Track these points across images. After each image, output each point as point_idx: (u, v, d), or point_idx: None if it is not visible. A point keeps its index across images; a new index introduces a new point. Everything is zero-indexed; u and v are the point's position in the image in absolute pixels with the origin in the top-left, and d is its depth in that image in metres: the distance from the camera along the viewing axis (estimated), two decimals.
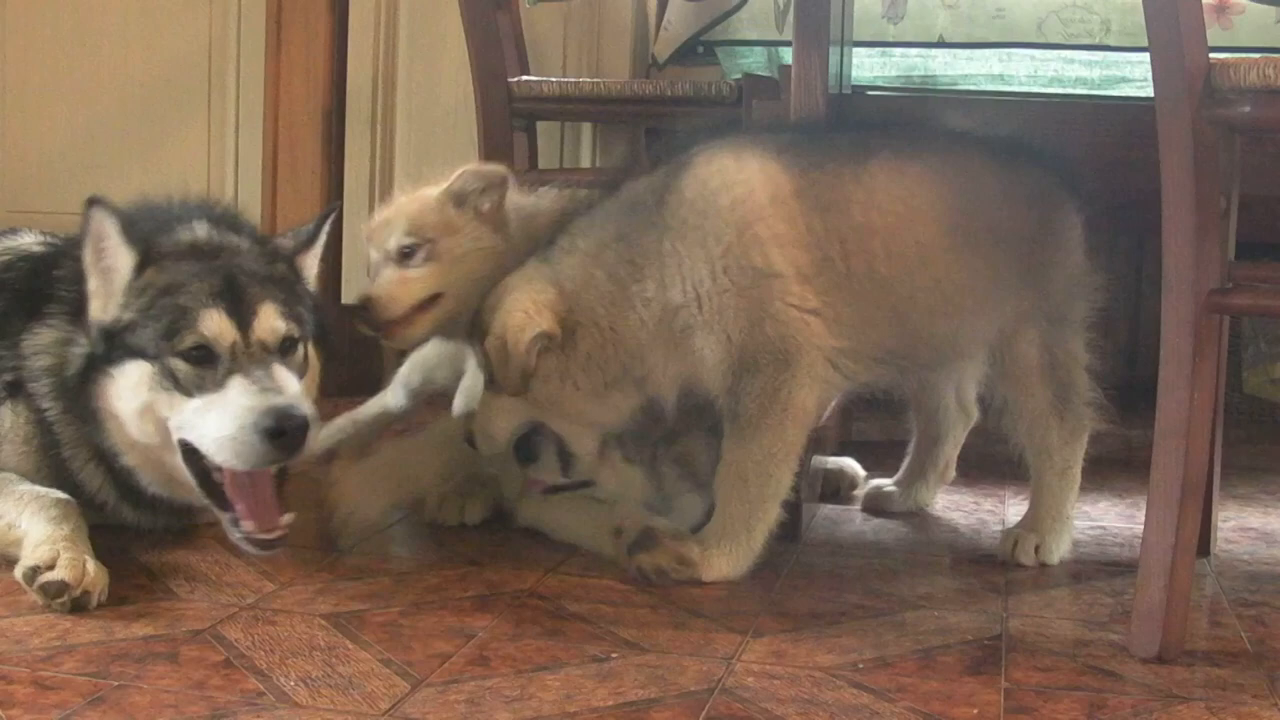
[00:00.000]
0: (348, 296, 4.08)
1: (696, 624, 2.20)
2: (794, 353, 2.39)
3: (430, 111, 4.15)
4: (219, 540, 2.53)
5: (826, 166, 2.45)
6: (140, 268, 2.41)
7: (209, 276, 2.41)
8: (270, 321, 2.40)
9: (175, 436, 2.37)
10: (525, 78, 3.64)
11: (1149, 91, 2.15)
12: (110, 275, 2.40)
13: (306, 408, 2.32)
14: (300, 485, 2.73)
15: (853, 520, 2.91)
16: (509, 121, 3.54)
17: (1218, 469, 2.59)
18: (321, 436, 2.89)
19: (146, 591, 2.27)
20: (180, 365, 2.34)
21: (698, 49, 3.99)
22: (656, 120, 3.95)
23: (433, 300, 2.71)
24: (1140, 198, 2.43)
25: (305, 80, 4.24)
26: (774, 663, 2.04)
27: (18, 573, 2.20)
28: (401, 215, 2.74)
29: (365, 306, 2.70)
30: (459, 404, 2.84)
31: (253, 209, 4.28)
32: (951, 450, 2.97)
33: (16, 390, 2.51)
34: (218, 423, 2.30)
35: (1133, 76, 3.68)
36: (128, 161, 4.40)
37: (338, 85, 4.26)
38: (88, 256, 2.40)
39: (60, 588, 2.14)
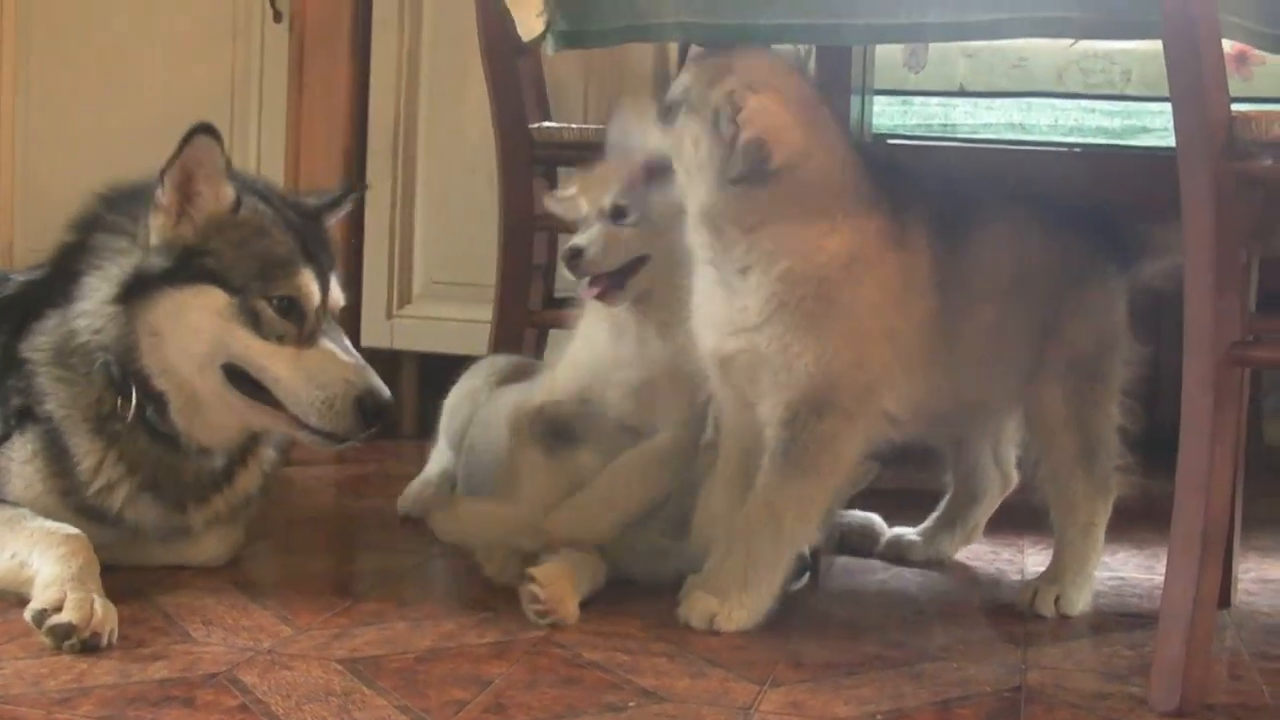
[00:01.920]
0: (367, 339, 4.09)
1: (714, 673, 2.19)
2: (860, 406, 2.39)
3: (451, 153, 4.16)
4: (236, 583, 2.55)
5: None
6: (236, 206, 2.48)
7: (293, 233, 2.51)
8: (338, 291, 2.56)
9: (220, 364, 2.47)
10: (546, 124, 3.65)
11: (1169, 141, 2.15)
12: (197, 200, 2.45)
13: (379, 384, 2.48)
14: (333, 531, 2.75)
15: (871, 570, 2.90)
16: (529, 167, 3.55)
17: (1238, 521, 2.58)
18: (403, 507, 3.09)
19: (163, 634, 2.27)
20: (266, 309, 2.44)
21: None
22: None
23: (639, 262, 2.67)
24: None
25: (326, 121, 4.26)
26: (792, 713, 2.03)
27: (27, 615, 2.19)
28: (618, 175, 2.71)
29: (576, 256, 2.66)
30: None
31: None
32: (985, 513, 2.96)
33: (26, 417, 2.52)
34: (312, 381, 2.45)
35: (1153, 126, 3.69)
36: None
37: (359, 126, 4.28)
38: (175, 175, 2.46)
39: (68, 630, 2.14)
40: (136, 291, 2.46)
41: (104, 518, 2.52)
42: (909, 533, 2.96)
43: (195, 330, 2.46)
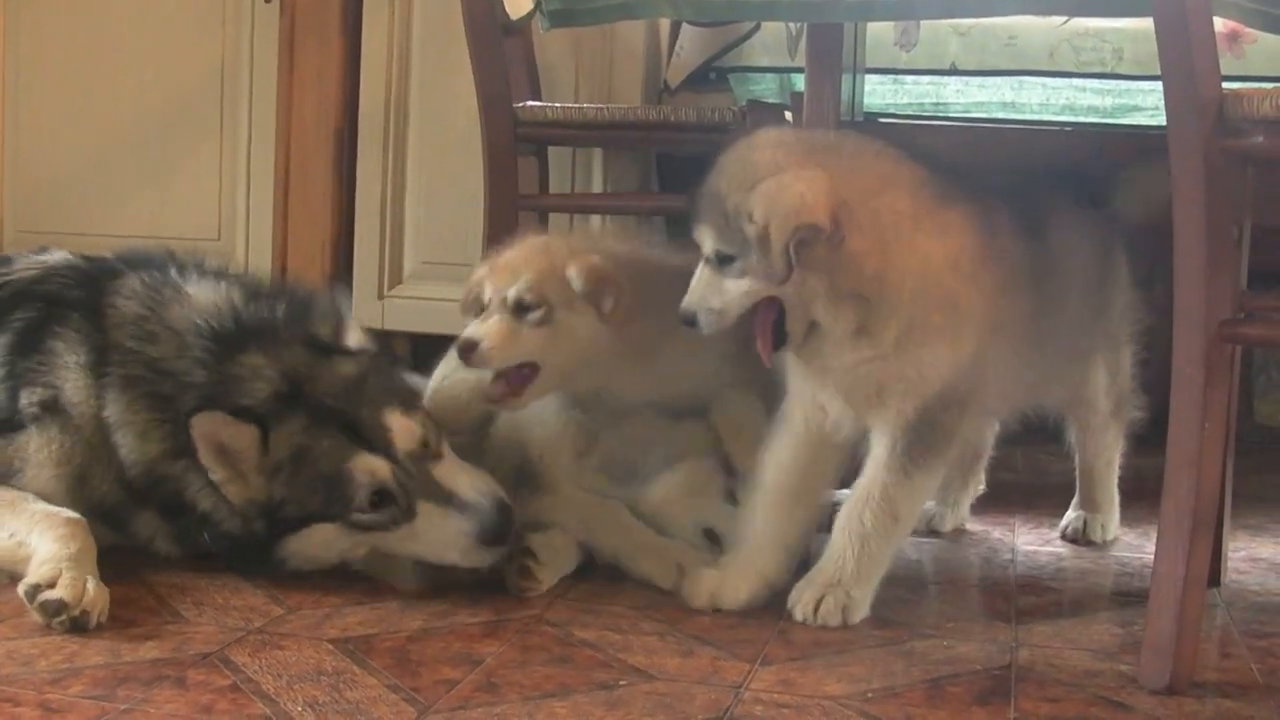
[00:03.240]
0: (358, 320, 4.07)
1: (705, 652, 2.20)
2: (977, 399, 2.40)
3: (442, 133, 4.15)
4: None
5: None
6: (264, 440, 2.39)
7: (324, 425, 2.41)
8: (403, 426, 2.44)
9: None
10: (531, 103, 3.64)
11: (1161, 120, 2.15)
12: (238, 459, 2.38)
13: (495, 493, 2.43)
14: None
15: None
16: (513, 146, 3.53)
17: (1229, 499, 2.58)
18: None
19: (154, 614, 2.27)
20: (364, 518, 2.40)
21: (710, 75, 4.00)
22: (663, 146, 3.95)
23: (531, 368, 2.62)
24: (1152, 225, 2.44)
25: (317, 102, 4.25)
26: (782, 691, 2.03)
27: (20, 589, 2.20)
28: (531, 269, 2.63)
29: (470, 349, 2.59)
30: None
31: (263, 231, 4.30)
32: (983, 464, 3.07)
33: (52, 411, 2.51)
34: (437, 548, 2.42)
35: (1145, 105, 3.69)
36: (140, 182, 4.41)
37: (350, 107, 4.27)
38: (209, 459, 2.37)
39: (59, 606, 2.14)
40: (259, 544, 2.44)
41: (126, 532, 2.54)
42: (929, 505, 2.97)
43: (337, 553, 2.45)
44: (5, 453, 2.50)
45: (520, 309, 2.59)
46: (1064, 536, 2.96)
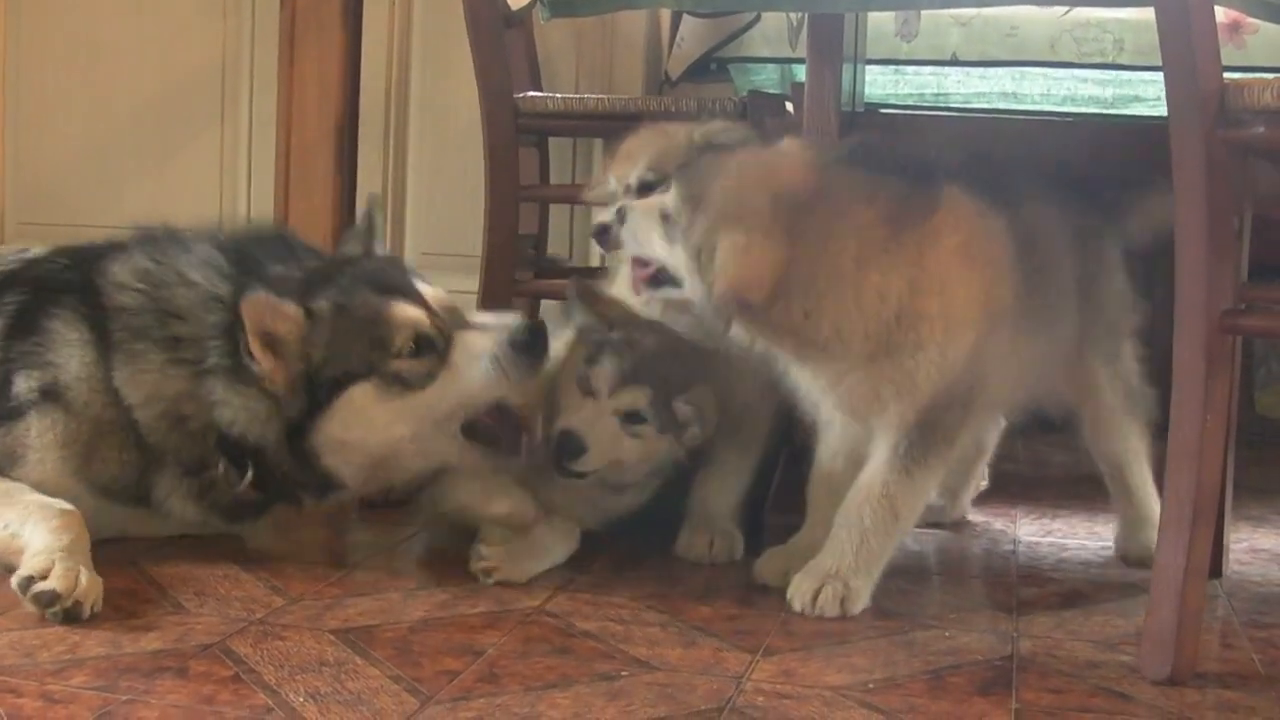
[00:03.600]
0: None
1: (706, 643, 2.20)
2: (976, 398, 2.40)
3: (443, 125, 4.16)
4: (228, 554, 2.55)
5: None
6: (309, 313, 2.44)
7: (360, 284, 2.50)
8: (432, 290, 2.55)
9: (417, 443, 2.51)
10: (531, 93, 3.64)
11: (1162, 110, 2.15)
12: (283, 341, 2.41)
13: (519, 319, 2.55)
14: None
15: None
16: (514, 137, 3.54)
17: (1230, 490, 2.59)
18: None
19: (155, 605, 2.27)
20: (403, 366, 2.45)
21: (710, 66, 4.00)
22: None
23: None
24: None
25: (318, 94, 4.25)
26: (784, 682, 2.03)
27: (13, 581, 2.20)
28: (646, 150, 2.73)
29: (604, 232, 2.62)
30: None
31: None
32: (986, 458, 3.04)
33: (52, 393, 2.50)
34: (473, 378, 2.48)
35: (1145, 95, 3.68)
36: (140, 174, 4.41)
37: (351, 99, 4.27)
38: (253, 342, 2.40)
39: (52, 597, 2.14)
40: (298, 433, 2.46)
41: (140, 504, 2.55)
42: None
43: (371, 430, 2.47)
44: (4, 442, 2.49)
45: (645, 189, 2.66)
46: (1120, 557, 2.80)
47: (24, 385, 2.50)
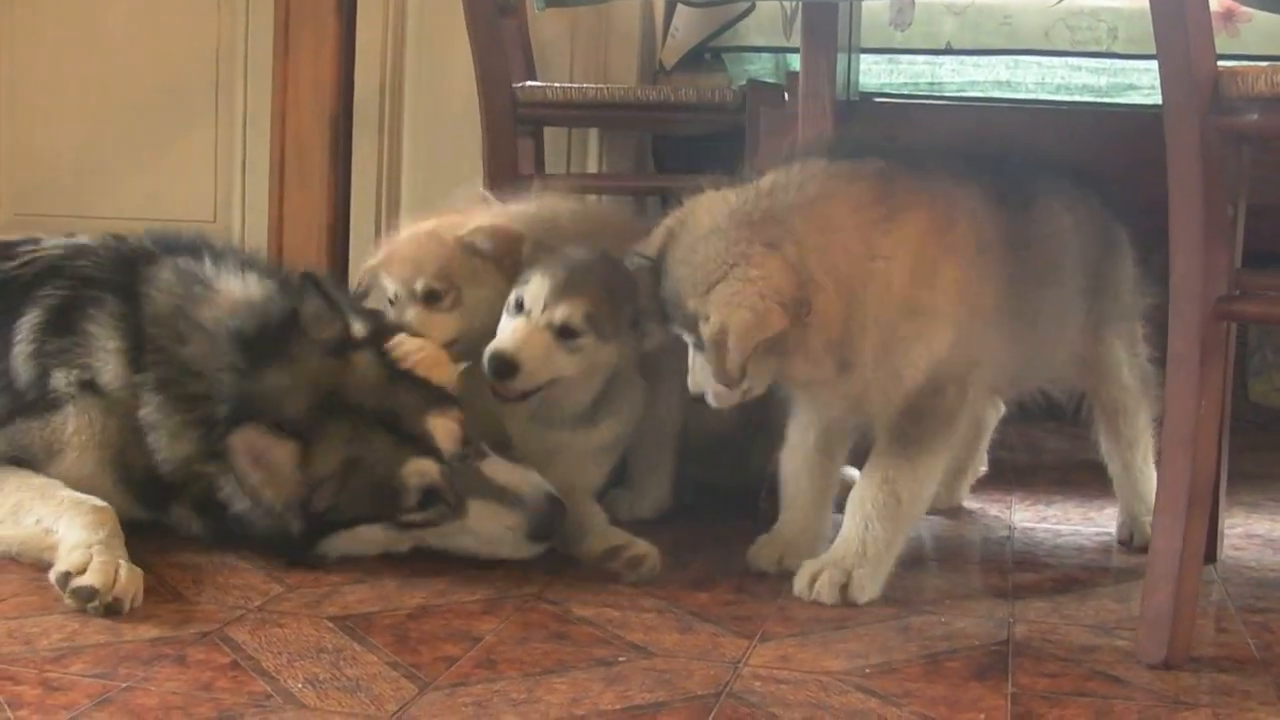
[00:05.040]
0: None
1: (703, 628, 2.20)
2: (975, 376, 2.40)
3: (438, 117, 4.16)
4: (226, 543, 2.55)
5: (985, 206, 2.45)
6: (304, 453, 2.39)
7: (369, 433, 2.41)
8: (445, 428, 2.45)
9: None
10: (529, 83, 3.64)
11: (1156, 99, 2.16)
12: (276, 471, 2.37)
13: (544, 487, 2.45)
14: None
15: None
16: (513, 127, 3.55)
17: (1224, 476, 2.59)
18: None
19: (154, 593, 2.27)
20: (413, 517, 2.42)
21: (705, 56, 4.01)
22: (662, 126, 3.96)
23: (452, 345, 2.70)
24: (1146, 205, 2.45)
25: (313, 85, 4.25)
26: (781, 667, 2.04)
27: (52, 577, 2.20)
28: (430, 259, 2.74)
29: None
30: None
31: (259, 214, 4.30)
32: (984, 444, 3.04)
33: (90, 391, 2.51)
34: (487, 542, 2.45)
35: (1140, 84, 3.69)
36: (135, 165, 4.41)
37: (345, 90, 4.27)
38: (246, 471, 2.36)
39: (91, 593, 2.14)
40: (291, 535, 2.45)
41: (162, 512, 2.56)
42: None
43: (379, 548, 2.47)
44: (43, 434, 2.50)
45: (431, 298, 2.72)
46: (1120, 541, 2.81)
47: (61, 379, 2.51)
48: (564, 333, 2.53)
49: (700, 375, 2.35)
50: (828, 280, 2.27)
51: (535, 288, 2.54)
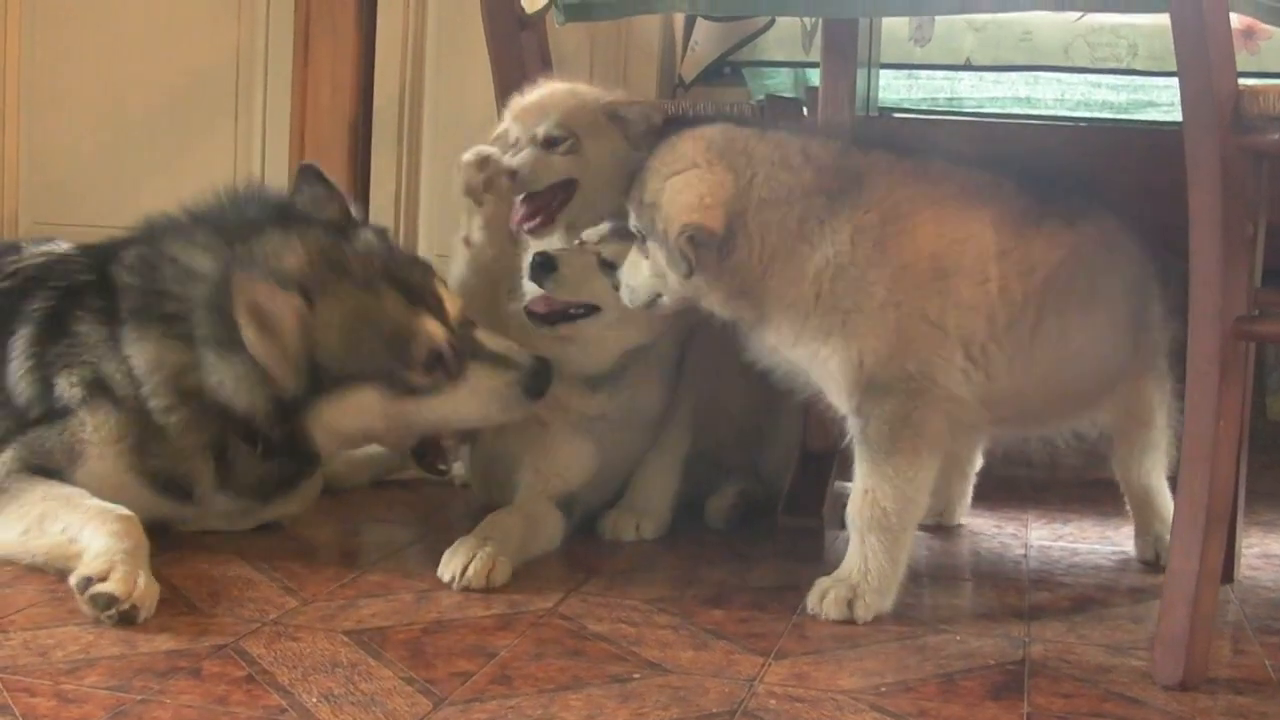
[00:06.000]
0: None
1: (718, 645, 2.20)
2: (929, 389, 2.35)
3: (457, 124, 4.16)
4: (241, 555, 2.56)
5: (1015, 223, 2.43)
6: (310, 303, 2.44)
7: (385, 286, 2.51)
8: (451, 298, 2.59)
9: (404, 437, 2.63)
10: None
11: (1176, 116, 2.15)
12: (278, 327, 2.41)
13: (533, 351, 2.61)
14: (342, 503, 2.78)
15: None
16: None
17: (1242, 496, 2.58)
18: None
19: (169, 605, 2.27)
20: (417, 376, 2.49)
21: (724, 70, 4.01)
22: None
23: (566, 191, 2.76)
24: (1165, 224, 2.44)
25: (332, 92, 4.26)
26: (796, 685, 2.04)
27: (72, 580, 2.20)
28: (557, 106, 2.79)
29: (510, 176, 2.74)
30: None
31: None
32: (972, 469, 3.00)
33: (99, 389, 2.53)
34: (482, 403, 2.57)
35: (1159, 101, 3.68)
36: (153, 172, 4.41)
37: (365, 97, 4.28)
38: (241, 319, 2.40)
39: (110, 600, 2.14)
40: (289, 414, 2.50)
41: (186, 500, 2.59)
42: None
43: (369, 422, 2.54)
44: (62, 439, 2.51)
45: (550, 143, 2.76)
46: (1144, 561, 2.78)
47: (65, 384, 2.53)
48: (609, 266, 2.59)
49: (629, 270, 2.47)
50: (756, 235, 2.34)
51: (600, 228, 2.66)
